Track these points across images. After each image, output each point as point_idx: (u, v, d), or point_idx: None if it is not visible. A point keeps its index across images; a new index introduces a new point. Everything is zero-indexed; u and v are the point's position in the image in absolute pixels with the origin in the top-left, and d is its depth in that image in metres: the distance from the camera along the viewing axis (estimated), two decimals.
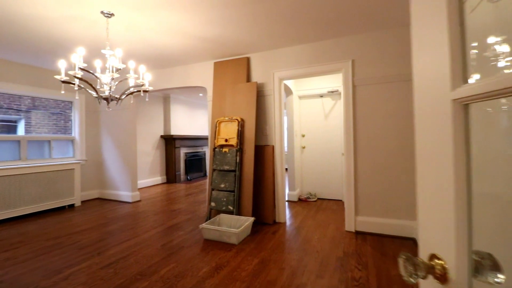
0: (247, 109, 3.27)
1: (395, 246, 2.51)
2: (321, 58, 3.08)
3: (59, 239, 2.83)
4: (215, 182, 3.24)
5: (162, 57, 3.61)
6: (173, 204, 4.31)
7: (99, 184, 4.95)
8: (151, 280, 1.97)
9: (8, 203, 3.50)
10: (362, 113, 2.89)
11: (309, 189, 4.57)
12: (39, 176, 3.84)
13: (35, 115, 4.53)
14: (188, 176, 6.96)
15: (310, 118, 4.58)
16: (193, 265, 2.19)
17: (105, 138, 4.85)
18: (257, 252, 2.40)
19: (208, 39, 2.97)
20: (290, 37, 2.96)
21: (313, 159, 4.55)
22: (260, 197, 3.25)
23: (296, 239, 2.72)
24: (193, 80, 3.94)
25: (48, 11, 2.28)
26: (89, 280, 1.98)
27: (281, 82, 3.32)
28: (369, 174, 2.86)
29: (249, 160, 3.16)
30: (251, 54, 3.48)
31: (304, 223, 3.22)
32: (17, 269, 2.15)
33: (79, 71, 2.06)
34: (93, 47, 3.12)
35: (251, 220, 2.85)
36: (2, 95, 3.99)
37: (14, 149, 3.91)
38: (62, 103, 4.65)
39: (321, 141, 4.49)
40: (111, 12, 2.31)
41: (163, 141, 6.68)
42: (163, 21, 2.52)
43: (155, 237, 2.86)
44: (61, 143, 4.52)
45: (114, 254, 2.43)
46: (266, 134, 3.37)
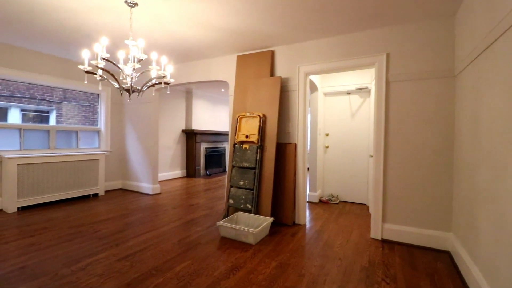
0: (269, 105, 3.14)
1: (428, 259, 2.28)
2: (352, 52, 2.87)
3: (81, 227, 2.89)
4: (234, 179, 3.15)
5: (185, 50, 3.57)
6: (191, 199, 4.30)
7: (122, 175, 5.08)
8: (166, 276, 1.92)
9: (37, 190, 3.66)
10: (396, 112, 2.65)
11: (331, 190, 4.37)
12: (66, 165, 3.99)
13: (66, 107, 4.72)
14: (208, 171, 6.98)
15: (335, 117, 4.36)
16: (209, 263, 2.12)
17: (129, 130, 4.95)
18: (275, 255, 2.29)
19: (232, 31, 2.87)
20: (318, 29, 2.78)
21: (336, 160, 4.34)
22: (279, 196, 3.13)
23: (316, 243, 2.57)
24: (215, 74, 3.87)
25: (75, 2, 2.29)
26: (105, 272, 1.97)
27: (306, 77, 3.15)
28: (400, 179, 2.62)
29: (270, 158, 3.04)
30: (276, 47, 3.34)
31: (325, 226, 3.05)
32: (40, 255, 2.21)
33: (102, 61, 2.04)
34: (117, 38, 3.14)
35: (269, 220, 2.73)
36: (37, 87, 4.18)
37: (44, 139, 4.08)
38: (91, 96, 4.80)
39: (346, 141, 4.26)
40: (135, 1, 2.27)
41: (184, 135, 6.73)
42: (187, 12, 2.45)
43: (172, 231, 2.83)
44: (88, 134, 4.67)
45: (132, 246, 2.43)
46: (288, 131, 3.22)
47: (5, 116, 4.31)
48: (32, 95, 4.22)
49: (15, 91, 4.00)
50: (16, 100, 4.06)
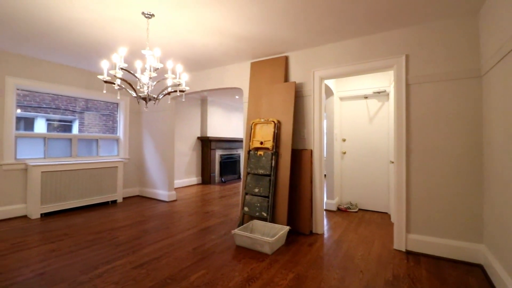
0: (284, 111, 3.10)
1: (458, 273, 2.11)
2: (368, 54, 2.78)
3: (99, 234, 2.94)
4: (249, 186, 3.11)
5: (200, 58, 3.62)
6: (207, 206, 4.29)
7: (139, 182, 5.17)
8: (180, 286, 1.89)
9: (59, 197, 3.79)
10: (417, 115, 2.52)
11: (350, 198, 4.21)
12: (87, 173, 4.11)
13: (87, 116, 4.90)
14: (223, 178, 6.98)
15: (352, 122, 4.24)
16: (224, 273, 2.07)
17: (146, 138, 5.06)
18: (292, 266, 2.20)
19: (245, 37, 2.88)
20: (333, 32, 2.72)
21: (354, 166, 4.19)
22: (296, 204, 3.04)
23: (336, 254, 2.45)
24: (229, 81, 3.89)
25: (95, 14, 2.38)
26: (121, 280, 1.97)
27: (321, 82, 3.09)
28: (425, 186, 2.47)
29: (285, 165, 2.98)
30: (290, 53, 3.31)
31: (344, 236, 2.92)
32: (59, 261, 2.25)
33: (120, 71, 2.09)
34: (135, 48, 3.23)
35: (286, 229, 2.65)
36: (61, 97, 4.38)
37: (67, 147, 4.25)
38: (111, 105, 4.97)
39: (365, 147, 4.11)
40: (152, 12, 2.33)
41: (199, 142, 6.80)
42: (201, 20, 2.49)
43: (187, 239, 2.82)
44: (108, 142, 4.82)
45: (148, 254, 2.43)
46: (304, 137, 3.16)
47: (32, 125, 4.52)
48: (57, 105, 4.41)
49: (41, 102, 4.20)
50: (42, 111, 4.26)
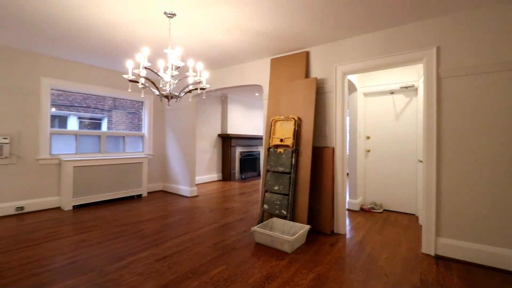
0: (304, 108, 3.04)
1: (494, 281, 1.95)
2: (395, 47, 2.64)
3: (125, 226, 3.08)
4: (268, 183, 3.09)
5: (220, 56, 3.64)
6: (227, 202, 4.34)
7: (163, 178, 5.34)
8: (201, 280, 1.92)
9: (89, 190, 4.01)
10: (450, 111, 2.35)
11: (373, 198, 4.05)
12: (114, 168, 4.31)
13: (115, 114, 5.12)
14: (243, 175, 7.03)
15: (377, 118, 4.06)
16: (243, 270, 2.08)
17: (169, 135, 5.21)
18: (313, 266, 2.16)
19: (265, 34, 2.85)
20: (356, 25, 2.61)
21: (379, 165, 4.02)
22: (316, 203, 2.98)
23: (358, 255, 2.37)
24: (249, 79, 3.88)
25: (120, 16, 2.47)
26: (145, 271, 2.04)
27: (344, 77, 2.98)
28: (458, 187, 2.31)
29: (306, 163, 2.92)
30: (311, 48, 3.22)
31: (368, 237, 2.82)
32: (88, 252, 2.38)
33: (143, 70, 2.15)
34: (157, 48, 3.31)
35: (306, 228, 2.61)
36: (91, 97, 4.61)
37: (96, 143, 4.48)
38: (137, 103, 5.17)
39: (390, 144, 3.93)
40: (173, 12, 2.37)
41: (220, 139, 6.89)
42: (221, 18, 2.49)
43: (208, 234, 2.86)
44: (133, 139, 5.02)
45: (170, 248, 2.50)
46: (325, 135, 3.07)
47: (65, 123, 4.82)
48: (87, 104, 4.65)
49: (74, 101, 4.45)
50: (74, 109, 4.52)
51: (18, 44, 3.32)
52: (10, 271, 2.01)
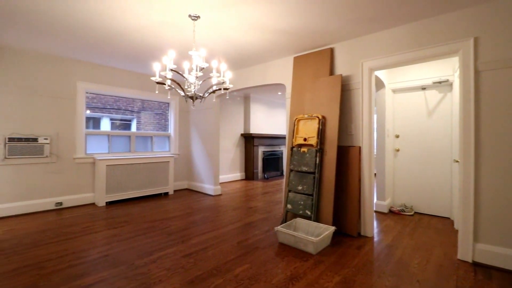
0: (329, 106, 2.96)
1: None
2: (427, 40, 2.48)
3: (153, 222, 3.20)
4: (292, 183, 3.06)
5: (242, 56, 3.66)
6: (250, 201, 4.36)
7: (188, 176, 5.50)
8: (225, 278, 1.95)
9: (120, 187, 4.23)
10: (489, 107, 2.17)
11: (404, 200, 3.85)
12: (143, 166, 4.52)
13: (144, 115, 5.36)
14: (265, 175, 7.02)
15: (407, 116, 3.85)
16: (267, 269, 2.07)
17: (194, 135, 5.34)
18: (339, 268, 2.10)
19: (288, 31, 2.81)
20: (384, 18, 2.49)
21: (409, 165, 3.81)
22: (342, 204, 2.89)
23: (387, 260, 2.26)
24: (272, 78, 3.86)
25: (147, 21, 2.57)
26: (172, 267, 2.11)
27: (371, 73, 2.86)
28: (498, 188, 2.12)
29: (331, 162, 2.84)
30: (335, 44, 3.13)
31: (398, 241, 2.68)
32: (120, 246, 2.51)
33: (170, 72, 2.22)
34: (182, 50, 3.41)
35: (331, 229, 2.54)
36: (122, 99, 4.86)
37: (126, 143, 4.72)
38: (163, 105, 5.36)
39: (422, 143, 3.71)
40: (198, 14, 2.42)
41: (242, 139, 6.94)
42: (244, 18, 2.50)
43: (232, 232, 2.89)
44: (160, 139, 5.22)
45: (195, 244, 2.56)
46: (351, 133, 2.97)
47: (99, 124, 5.13)
48: (118, 106, 4.91)
49: (106, 103, 4.72)
50: (107, 111, 4.79)
51: (57, 52, 3.58)
52: (50, 262, 2.18)
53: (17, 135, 3.47)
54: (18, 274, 1.97)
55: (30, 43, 3.25)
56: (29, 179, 3.57)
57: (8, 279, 1.91)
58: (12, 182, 3.44)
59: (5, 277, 1.93)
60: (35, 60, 3.61)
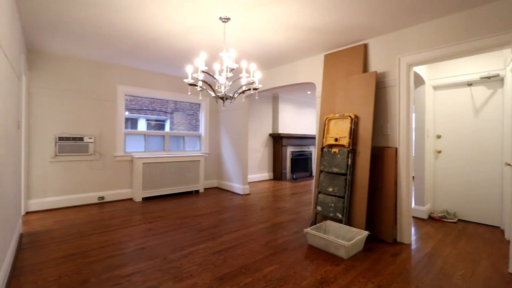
0: (362, 104, 2.83)
1: None
2: (474, 31, 2.26)
3: (185, 219, 3.33)
4: (322, 184, 2.98)
5: (272, 56, 3.65)
6: (278, 202, 4.34)
7: (217, 175, 5.63)
8: (254, 277, 1.96)
9: (155, 184, 4.46)
10: None
11: (445, 205, 3.56)
12: (175, 165, 4.71)
13: (176, 116, 5.58)
14: (294, 175, 6.94)
15: (450, 114, 3.55)
16: (296, 271, 2.04)
17: (223, 135, 5.45)
18: (372, 275, 2.00)
19: (318, 29, 2.74)
20: (424, 10, 2.32)
21: (452, 168, 3.51)
22: (376, 208, 2.75)
23: (427, 269, 2.11)
24: (301, 77, 3.80)
25: (180, 25, 2.67)
26: (203, 262, 2.17)
27: (410, 69, 2.68)
28: None
29: (364, 164, 2.72)
30: (369, 40, 2.99)
31: (439, 250, 2.48)
32: (155, 240, 2.64)
33: (201, 73, 2.28)
34: (213, 52, 3.49)
35: (364, 234, 2.43)
36: (156, 101, 5.12)
37: (160, 142, 4.97)
38: (194, 106, 5.55)
39: (467, 144, 3.40)
40: (228, 16, 2.46)
41: (271, 139, 6.92)
42: (273, 17, 2.49)
43: (260, 232, 2.90)
44: (192, 139, 5.41)
45: (225, 242, 2.60)
46: (387, 133, 2.82)
47: (136, 125, 5.46)
48: (153, 107, 5.18)
49: (142, 105, 5.01)
50: (143, 112, 5.08)
51: (99, 57, 3.88)
52: (93, 251, 2.36)
53: (66, 135, 3.82)
54: (66, 261, 2.17)
55: (75, 50, 3.55)
56: (75, 174, 3.91)
57: (58, 265, 2.11)
58: (61, 177, 3.80)
59: (55, 263, 2.13)
60: (80, 65, 3.95)
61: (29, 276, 1.94)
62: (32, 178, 3.58)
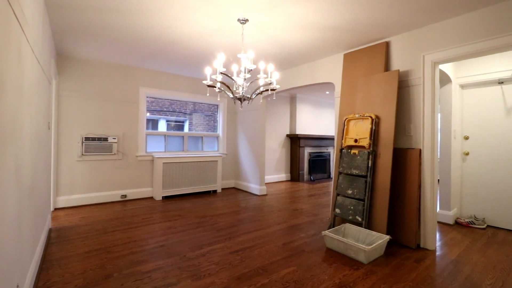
0: (384, 104, 2.74)
1: None
2: (505, 26, 2.12)
3: (203, 218, 3.38)
4: (341, 186, 2.92)
5: (290, 56, 3.63)
6: (295, 203, 4.30)
7: (235, 175, 5.67)
8: (271, 278, 1.95)
9: (174, 183, 4.57)
10: None
11: (473, 211, 3.37)
12: (194, 165, 4.81)
13: (195, 117, 5.69)
14: (311, 176, 6.84)
15: (480, 114, 3.35)
16: (314, 274, 2.01)
17: (241, 136, 5.49)
18: (393, 282, 1.92)
19: (338, 27, 2.69)
20: (454, 4, 2.20)
21: (481, 171, 3.32)
22: (398, 212, 2.65)
23: (452, 277, 2.00)
24: (320, 77, 3.74)
25: (199, 28, 2.72)
26: (220, 261, 2.19)
27: (435, 67, 2.56)
28: None
29: (385, 166, 2.63)
30: (391, 37, 2.89)
31: (465, 257, 2.35)
32: (174, 238, 2.71)
33: (219, 75, 2.32)
34: (231, 53, 3.52)
35: (385, 238, 2.35)
36: (176, 102, 5.25)
37: (180, 143, 5.09)
38: (213, 107, 5.63)
39: (498, 146, 3.19)
40: (246, 18, 2.47)
41: (288, 140, 6.88)
42: (291, 17, 2.47)
43: (277, 233, 2.89)
44: (210, 139, 5.50)
45: (242, 242, 2.62)
46: (409, 135, 2.71)
47: (156, 125, 5.62)
48: (173, 109, 5.31)
49: (163, 106, 5.15)
50: (163, 113, 5.23)
51: (122, 61, 4.04)
52: (116, 247, 2.46)
53: (92, 135, 4.01)
54: (90, 256, 2.27)
55: (100, 55, 3.73)
56: (100, 173, 4.10)
57: (83, 259, 2.22)
58: (87, 176, 3.99)
59: (81, 258, 2.24)
60: (105, 69, 4.13)
61: (56, 269, 2.05)
62: (60, 176, 3.79)
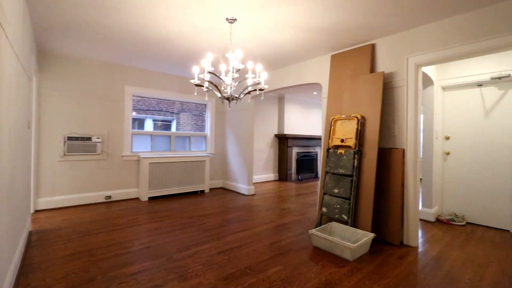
0: (369, 105, 2.81)
1: None
2: (487, 30, 2.21)
3: (191, 218, 3.35)
4: (327, 186, 2.96)
5: (278, 56, 3.64)
6: (283, 203, 4.33)
7: (223, 175, 5.64)
8: (258, 277, 1.96)
9: (161, 184, 4.50)
10: None
11: (454, 208, 3.50)
12: (181, 165, 4.75)
13: (182, 116, 5.62)
14: (299, 176, 6.91)
15: (460, 116, 3.49)
16: (301, 273, 2.03)
17: (229, 136, 5.47)
18: (378, 278, 1.97)
19: (325, 29, 2.73)
20: (435, 9, 2.28)
21: (461, 170, 3.45)
22: (383, 210, 2.72)
23: (434, 273, 2.07)
24: (308, 77, 3.78)
25: (186, 27, 2.69)
26: (208, 262, 2.18)
27: (418, 69, 2.65)
28: None
29: (370, 165, 2.69)
30: (377, 40, 2.96)
31: (446, 253, 2.44)
32: (160, 239, 2.66)
33: (207, 74, 2.30)
34: (219, 53, 3.50)
35: (370, 236, 2.40)
36: (163, 101, 5.17)
37: (167, 143, 5.01)
38: (201, 106, 5.58)
39: (477, 146, 3.33)
40: (235, 17, 2.47)
41: (276, 139, 6.91)
42: (280, 17, 2.49)
43: (265, 233, 2.90)
44: (197, 139, 5.44)
45: (229, 242, 2.61)
46: (394, 135, 2.78)
47: (143, 125, 5.52)
48: (160, 108, 5.23)
49: (149, 105, 5.06)
50: (150, 113, 5.13)
51: (107, 59, 3.93)
52: (99, 250, 2.40)
53: (74, 135, 3.88)
54: (73, 259, 2.20)
55: (84, 52, 3.61)
56: (83, 174, 3.97)
57: (66, 263, 2.14)
58: (69, 177, 3.87)
59: (63, 261, 2.17)
60: (89, 66, 4.01)
61: (37, 273, 1.98)
62: (41, 177, 3.65)
